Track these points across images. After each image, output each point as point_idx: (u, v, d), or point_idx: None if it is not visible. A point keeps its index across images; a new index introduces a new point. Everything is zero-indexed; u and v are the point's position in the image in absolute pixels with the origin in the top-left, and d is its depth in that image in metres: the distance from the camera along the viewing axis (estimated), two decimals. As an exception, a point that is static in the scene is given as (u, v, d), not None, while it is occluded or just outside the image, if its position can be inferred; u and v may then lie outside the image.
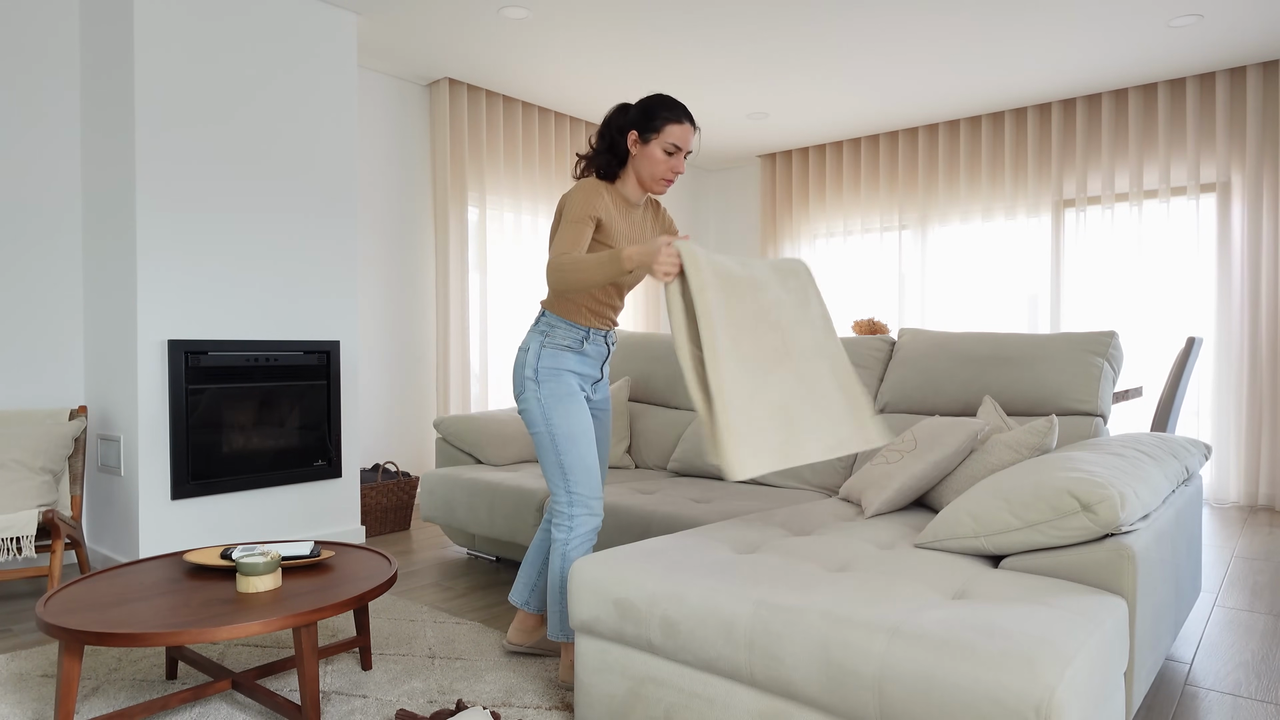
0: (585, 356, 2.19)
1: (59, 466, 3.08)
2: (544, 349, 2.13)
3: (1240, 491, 4.78)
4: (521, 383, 2.14)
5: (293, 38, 3.65)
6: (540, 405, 2.10)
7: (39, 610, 1.85)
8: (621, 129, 2.10)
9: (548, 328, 2.15)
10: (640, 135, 2.07)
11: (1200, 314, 4.93)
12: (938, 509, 2.37)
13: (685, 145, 2.08)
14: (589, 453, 2.13)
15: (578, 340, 2.16)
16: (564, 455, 2.10)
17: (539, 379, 2.11)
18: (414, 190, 4.93)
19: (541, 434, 2.12)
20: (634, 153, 2.10)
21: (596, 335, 2.19)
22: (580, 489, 2.12)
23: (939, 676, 1.35)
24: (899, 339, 3.16)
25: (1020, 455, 2.21)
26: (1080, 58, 4.59)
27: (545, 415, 2.10)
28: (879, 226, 6.17)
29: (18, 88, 3.35)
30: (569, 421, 2.10)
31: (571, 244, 1.98)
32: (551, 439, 2.10)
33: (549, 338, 2.14)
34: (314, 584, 2.07)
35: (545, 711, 2.07)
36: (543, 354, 2.13)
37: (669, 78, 4.88)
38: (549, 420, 2.10)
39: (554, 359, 2.13)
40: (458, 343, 4.91)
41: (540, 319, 2.18)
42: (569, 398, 2.12)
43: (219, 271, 3.43)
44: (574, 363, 2.16)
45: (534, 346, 2.14)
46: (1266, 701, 2.15)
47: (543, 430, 2.11)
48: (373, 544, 4.01)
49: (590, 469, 2.13)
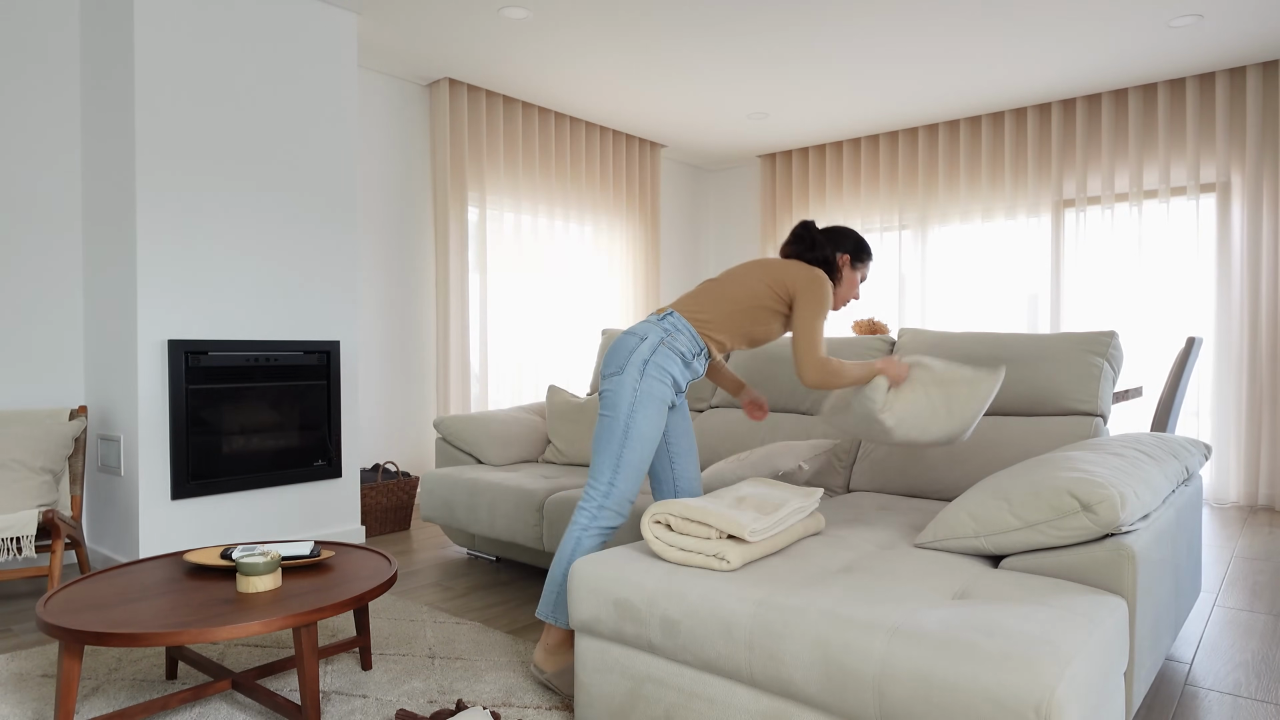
0: (689, 370, 2.21)
1: (59, 466, 3.08)
2: (661, 347, 2.15)
3: (1240, 491, 4.78)
4: (625, 363, 2.13)
5: (293, 38, 3.65)
6: (634, 394, 2.10)
7: (39, 610, 1.85)
8: (836, 248, 2.36)
9: (672, 329, 2.18)
10: (853, 261, 2.36)
11: (1200, 314, 4.93)
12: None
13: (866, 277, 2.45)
14: (647, 461, 2.15)
15: (693, 353, 2.19)
16: (626, 450, 2.12)
17: (645, 371, 2.12)
18: (414, 190, 4.93)
19: (617, 421, 2.11)
20: (843, 274, 2.36)
21: (705, 358, 2.25)
22: (622, 487, 2.14)
23: (939, 676, 1.35)
24: (899, 339, 3.16)
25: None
26: (1080, 58, 4.59)
27: (632, 406, 2.10)
28: (879, 226, 6.17)
29: (17, 88, 3.35)
30: (649, 424, 2.12)
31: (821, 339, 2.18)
32: (625, 430, 2.11)
33: (670, 338, 2.16)
34: (314, 584, 2.07)
35: (545, 711, 2.07)
36: (658, 350, 2.14)
37: (669, 78, 4.88)
38: (633, 412, 2.10)
39: (666, 359, 2.14)
40: (458, 343, 4.91)
41: (667, 318, 2.20)
42: (660, 402, 2.14)
43: (219, 271, 3.43)
44: (679, 371, 2.17)
45: (652, 338, 2.15)
46: (1266, 701, 2.15)
47: (621, 418, 2.11)
48: (373, 544, 4.01)
49: (640, 476, 2.15)
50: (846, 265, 2.35)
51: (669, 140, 6.32)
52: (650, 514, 1.91)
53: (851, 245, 2.35)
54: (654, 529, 1.90)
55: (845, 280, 2.36)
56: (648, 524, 1.91)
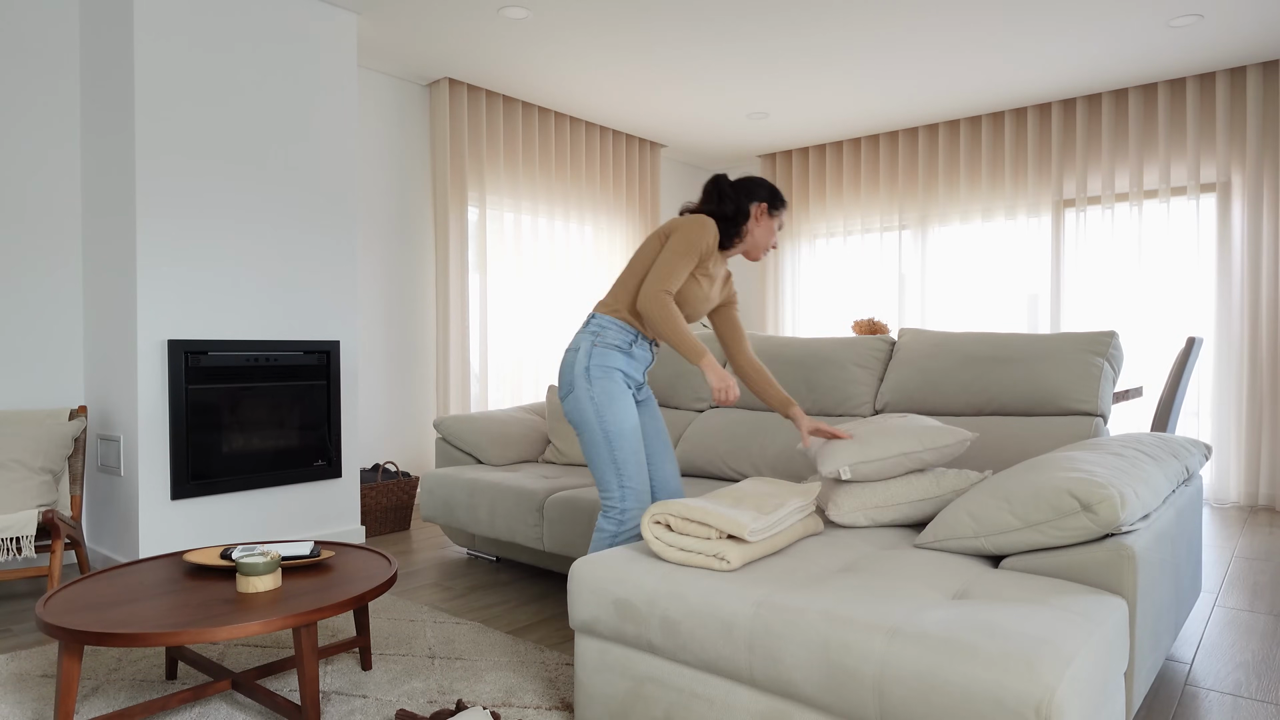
0: (632, 359, 2.25)
1: (59, 466, 3.08)
2: (595, 348, 2.20)
3: (1240, 491, 4.78)
4: (571, 382, 2.19)
5: (292, 37, 3.65)
6: (593, 403, 2.15)
7: (39, 610, 1.85)
8: (749, 198, 2.31)
9: (599, 329, 2.23)
10: (770, 209, 2.33)
11: (1200, 314, 4.93)
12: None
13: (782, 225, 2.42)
14: (640, 448, 2.19)
15: (627, 342, 2.23)
16: (617, 451, 2.16)
17: (590, 378, 2.17)
18: (414, 190, 4.93)
19: (594, 432, 2.16)
20: (757, 222, 2.32)
21: (644, 340, 2.28)
22: (633, 482, 2.17)
23: (939, 676, 1.35)
24: (899, 339, 3.16)
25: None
26: (1080, 58, 4.59)
27: (598, 413, 2.15)
28: (879, 226, 6.17)
29: (17, 87, 3.35)
30: (620, 418, 2.16)
31: (677, 276, 2.15)
32: (605, 436, 2.15)
33: (600, 338, 2.21)
34: (314, 584, 2.07)
35: (545, 711, 2.07)
36: (594, 353, 2.19)
37: (669, 78, 4.88)
38: (601, 417, 2.15)
39: (604, 358, 2.19)
40: (458, 343, 4.91)
41: (591, 321, 2.26)
42: (621, 395, 2.18)
43: (219, 271, 3.43)
44: (622, 363, 2.22)
45: (584, 346, 2.20)
46: (1266, 701, 2.15)
47: (595, 428, 2.16)
48: (373, 544, 4.01)
49: (642, 464, 2.19)
50: (764, 214, 2.32)
51: (669, 140, 6.32)
52: (650, 514, 1.91)
53: (766, 194, 2.32)
54: (654, 529, 1.90)
55: (763, 228, 2.32)
56: (648, 524, 1.91)
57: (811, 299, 6.53)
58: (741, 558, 1.79)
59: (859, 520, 2.18)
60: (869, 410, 3.10)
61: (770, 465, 3.11)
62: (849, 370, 3.15)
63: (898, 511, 2.19)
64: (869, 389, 3.12)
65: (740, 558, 1.78)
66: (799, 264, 6.59)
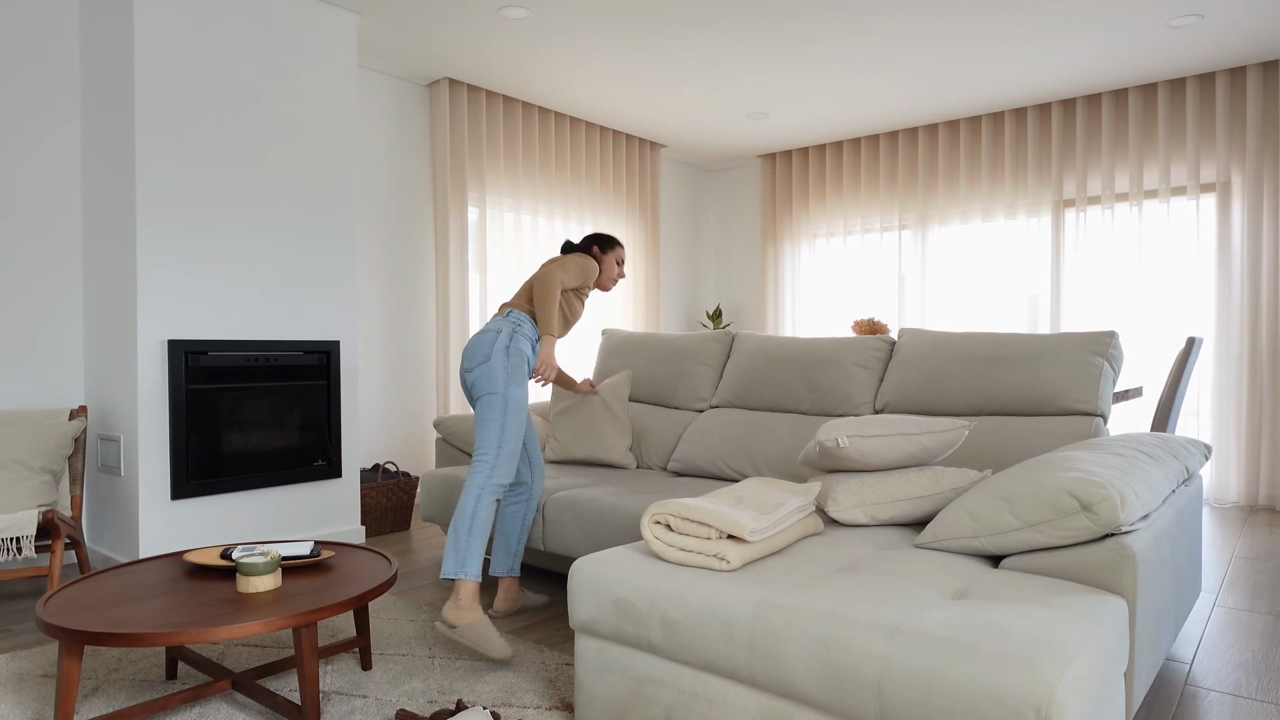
0: (533, 354, 2.72)
1: (59, 466, 3.08)
2: (515, 334, 2.64)
3: (1240, 491, 4.78)
4: (489, 354, 2.58)
5: (293, 38, 3.65)
6: (505, 374, 2.56)
7: (39, 610, 1.85)
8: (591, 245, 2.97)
9: (518, 321, 2.68)
10: (601, 250, 2.96)
11: (1200, 314, 4.93)
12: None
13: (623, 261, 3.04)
14: (523, 426, 2.58)
15: (533, 339, 2.71)
16: (507, 419, 2.53)
17: (509, 354, 2.59)
18: (414, 190, 4.92)
19: (497, 397, 2.53)
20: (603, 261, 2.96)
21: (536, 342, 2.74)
22: (510, 446, 2.53)
23: (939, 676, 1.35)
24: (899, 339, 3.16)
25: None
26: (1080, 58, 4.59)
27: (506, 384, 2.55)
28: (879, 226, 6.17)
29: (17, 88, 3.35)
30: (520, 394, 2.57)
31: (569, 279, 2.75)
32: (504, 404, 2.53)
33: (519, 330, 2.66)
34: (314, 584, 2.07)
35: (545, 711, 2.07)
36: (514, 338, 2.63)
37: (669, 78, 4.88)
38: (508, 388, 2.54)
39: (519, 344, 2.63)
40: (458, 343, 4.91)
41: (510, 314, 2.70)
42: (524, 378, 2.62)
43: (219, 271, 3.43)
44: (529, 352, 2.68)
45: (506, 330, 2.64)
46: (1266, 701, 2.15)
47: (500, 394, 2.54)
48: (373, 544, 4.01)
49: (519, 439, 2.56)
50: (599, 255, 2.95)
51: (669, 140, 6.32)
52: (650, 514, 1.91)
53: (595, 240, 2.96)
54: (654, 529, 1.90)
55: (605, 264, 2.94)
56: (647, 524, 1.91)
57: (811, 299, 6.53)
58: (741, 558, 1.79)
59: (858, 517, 2.18)
60: (869, 410, 3.10)
61: (770, 465, 3.11)
62: (849, 370, 3.15)
63: (897, 509, 2.19)
64: (869, 389, 3.12)
65: (740, 558, 1.78)
66: (799, 264, 6.59)
